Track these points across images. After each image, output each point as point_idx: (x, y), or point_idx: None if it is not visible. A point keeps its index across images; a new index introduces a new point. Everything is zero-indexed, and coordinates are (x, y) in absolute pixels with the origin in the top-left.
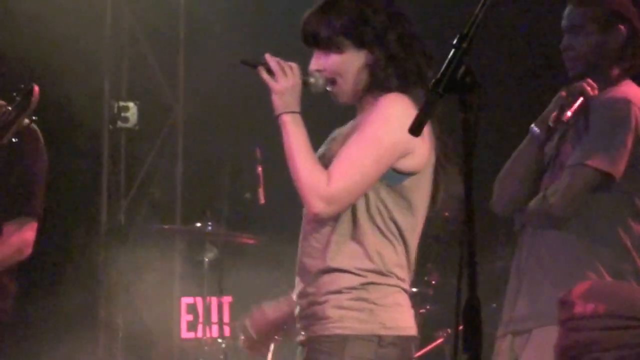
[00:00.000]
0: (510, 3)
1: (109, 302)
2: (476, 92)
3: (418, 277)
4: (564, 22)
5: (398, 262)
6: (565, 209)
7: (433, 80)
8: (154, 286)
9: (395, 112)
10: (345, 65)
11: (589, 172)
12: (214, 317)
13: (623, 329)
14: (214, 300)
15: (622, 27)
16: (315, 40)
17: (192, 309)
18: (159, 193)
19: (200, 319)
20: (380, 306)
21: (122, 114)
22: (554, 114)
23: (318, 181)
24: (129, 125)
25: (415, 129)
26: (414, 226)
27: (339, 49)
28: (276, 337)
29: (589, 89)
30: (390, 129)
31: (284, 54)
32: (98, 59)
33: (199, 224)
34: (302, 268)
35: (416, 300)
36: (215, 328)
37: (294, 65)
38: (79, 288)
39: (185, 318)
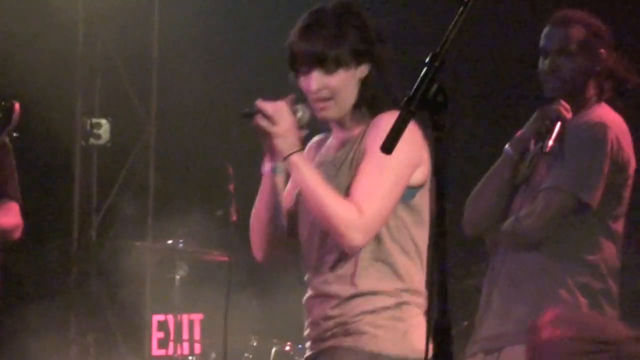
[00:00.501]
0: (485, 23)
1: (80, 319)
2: (448, 111)
3: None
4: (545, 43)
5: (421, 279)
6: (539, 231)
7: (405, 98)
8: (125, 303)
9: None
10: (348, 82)
11: (565, 196)
12: (185, 335)
13: (592, 353)
14: (185, 318)
15: (603, 50)
16: (320, 60)
17: (163, 326)
18: (130, 210)
19: (171, 337)
20: (412, 327)
21: (95, 131)
22: (534, 145)
23: (351, 214)
24: (101, 142)
25: (388, 147)
26: (425, 241)
27: (347, 66)
28: None
29: (564, 112)
30: (402, 146)
31: (257, 74)
32: (71, 75)
33: (170, 241)
34: (323, 296)
35: None
36: (186, 345)
37: (283, 104)
38: (50, 304)
39: (156, 335)
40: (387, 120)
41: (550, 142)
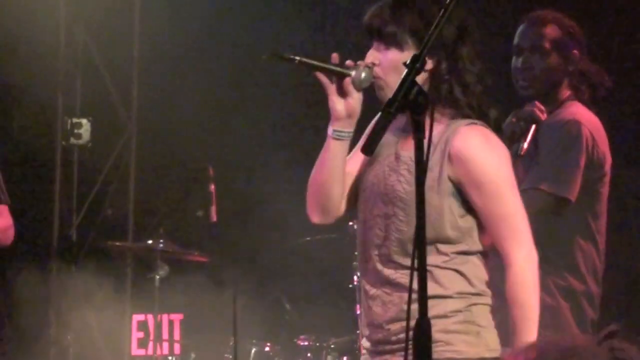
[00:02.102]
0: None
1: (60, 319)
2: (428, 112)
3: None
4: (518, 41)
5: (485, 278)
6: None
7: (386, 100)
8: (105, 303)
9: (498, 147)
10: (401, 64)
11: (543, 196)
12: (165, 335)
13: None
14: (165, 318)
15: (576, 51)
16: (379, 34)
17: (143, 326)
18: (111, 210)
19: (151, 337)
20: (484, 327)
21: (75, 131)
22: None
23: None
24: (81, 141)
25: (368, 149)
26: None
27: (400, 46)
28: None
29: (539, 113)
30: (505, 166)
31: (239, 74)
32: (52, 75)
33: (150, 242)
34: (386, 297)
35: None
36: (166, 345)
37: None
38: (30, 304)
39: (136, 335)
40: (484, 138)
41: (525, 145)
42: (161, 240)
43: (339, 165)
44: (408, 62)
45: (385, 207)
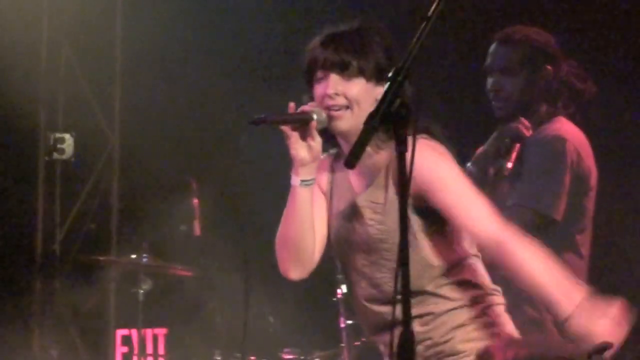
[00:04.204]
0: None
1: (44, 333)
2: (411, 125)
3: (352, 310)
4: (489, 61)
5: (488, 278)
6: None
7: (369, 113)
8: (89, 317)
9: (442, 152)
10: (366, 94)
11: (528, 214)
12: (149, 349)
13: None
14: (148, 332)
15: (548, 67)
16: (342, 67)
17: (127, 340)
18: (94, 224)
19: (135, 351)
20: (502, 326)
21: (58, 146)
22: (493, 168)
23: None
24: (64, 156)
25: (351, 162)
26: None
27: (365, 77)
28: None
29: (524, 130)
30: (452, 164)
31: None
32: (34, 89)
33: (134, 256)
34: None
35: (351, 333)
36: None
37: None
38: (14, 319)
39: (120, 350)
40: (431, 148)
41: (509, 165)
42: (145, 255)
43: (308, 213)
44: (390, 74)
45: (368, 255)
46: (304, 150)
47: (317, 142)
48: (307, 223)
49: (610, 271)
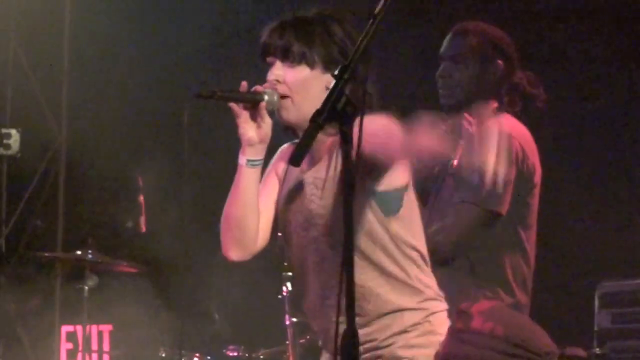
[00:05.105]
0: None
1: None
2: (355, 122)
3: (297, 307)
4: (443, 49)
5: (434, 283)
6: (451, 247)
7: (316, 110)
8: (34, 313)
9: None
10: (310, 82)
11: (474, 210)
12: (94, 346)
13: (513, 357)
14: (94, 329)
15: (500, 61)
16: (285, 53)
17: (72, 337)
18: (40, 220)
19: (80, 347)
20: (444, 335)
21: (4, 141)
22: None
23: None
24: (10, 152)
25: (296, 160)
26: (424, 242)
27: (310, 65)
28: None
29: (468, 126)
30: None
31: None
32: None
33: (79, 252)
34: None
35: (296, 330)
36: (95, 357)
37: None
38: None
39: (65, 346)
40: (377, 118)
41: (455, 162)
42: (90, 251)
43: (253, 194)
44: (336, 72)
45: (307, 232)
46: (253, 130)
47: (266, 123)
48: (251, 204)
49: (555, 269)
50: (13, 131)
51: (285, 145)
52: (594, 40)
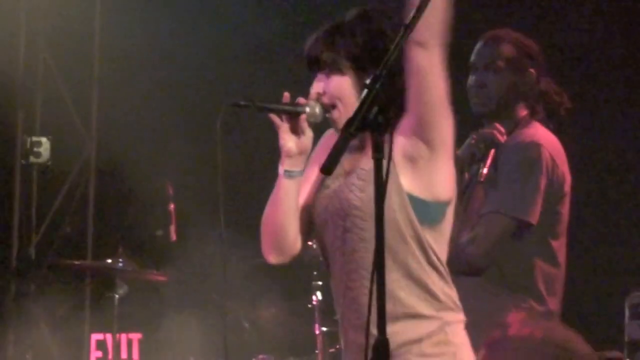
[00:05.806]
0: None
1: (18, 338)
2: (388, 132)
3: (327, 316)
4: (474, 58)
5: (455, 294)
6: (483, 257)
7: (346, 120)
8: (63, 322)
9: None
10: (346, 88)
11: (505, 220)
12: (124, 354)
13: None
14: (123, 337)
15: (532, 70)
16: (319, 63)
17: (101, 345)
18: (70, 229)
19: (110, 356)
20: (459, 347)
21: (35, 149)
22: (468, 173)
23: None
24: (41, 160)
25: (327, 169)
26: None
27: (340, 71)
28: None
29: (499, 136)
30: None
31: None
32: (11, 93)
33: (109, 260)
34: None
35: (326, 339)
36: None
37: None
38: None
39: (95, 354)
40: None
41: (485, 171)
42: (120, 259)
43: (292, 203)
44: (368, 82)
45: (343, 222)
46: (292, 141)
47: (307, 136)
48: (291, 213)
49: (585, 279)
50: (43, 139)
51: (329, 131)
52: (614, 43)
